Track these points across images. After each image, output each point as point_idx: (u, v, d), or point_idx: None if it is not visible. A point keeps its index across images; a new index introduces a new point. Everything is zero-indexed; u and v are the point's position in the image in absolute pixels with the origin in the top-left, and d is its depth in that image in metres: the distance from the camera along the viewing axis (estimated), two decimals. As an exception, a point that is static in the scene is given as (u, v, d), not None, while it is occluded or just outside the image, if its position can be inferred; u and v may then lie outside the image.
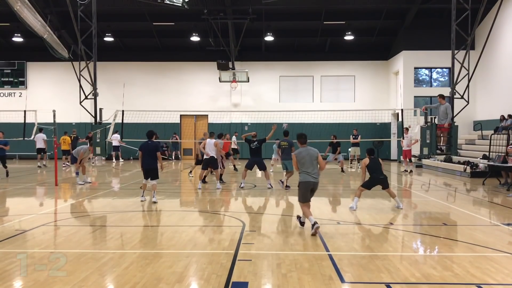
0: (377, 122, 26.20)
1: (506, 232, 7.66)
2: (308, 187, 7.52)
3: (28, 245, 6.76)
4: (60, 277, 5.15)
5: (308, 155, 7.51)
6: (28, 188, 13.79)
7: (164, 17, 24.82)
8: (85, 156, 14.30)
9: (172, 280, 5.08)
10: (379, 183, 9.72)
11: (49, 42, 16.56)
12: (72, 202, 11.23)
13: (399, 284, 4.97)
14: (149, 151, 10.33)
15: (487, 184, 14.34)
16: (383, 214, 9.28)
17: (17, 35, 25.11)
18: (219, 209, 10.07)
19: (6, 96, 27.77)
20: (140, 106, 24.15)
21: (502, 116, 19.31)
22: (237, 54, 26.13)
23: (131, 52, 27.87)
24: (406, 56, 24.47)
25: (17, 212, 9.59)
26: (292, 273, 5.31)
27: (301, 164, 7.50)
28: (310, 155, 7.53)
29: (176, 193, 13.52)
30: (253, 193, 12.45)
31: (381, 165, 9.79)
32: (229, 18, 23.28)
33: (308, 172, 7.49)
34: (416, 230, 8.11)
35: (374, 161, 9.71)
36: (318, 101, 27.21)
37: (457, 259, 5.94)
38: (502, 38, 20.95)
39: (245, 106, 26.90)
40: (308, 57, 27.31)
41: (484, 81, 22.57)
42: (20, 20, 14.75)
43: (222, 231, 7.70)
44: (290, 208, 10.31)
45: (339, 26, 25.23)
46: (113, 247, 6.60)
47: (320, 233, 7.35)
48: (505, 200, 11.38)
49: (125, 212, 9.57)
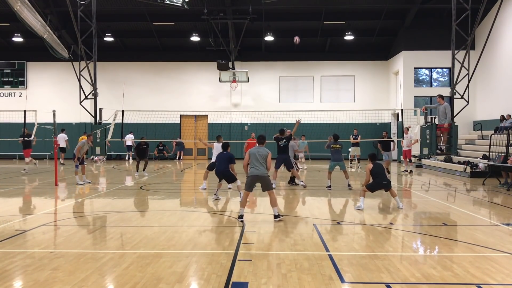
0: (377, 122, 26.20)
1: (506, 232, 7.66)
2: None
3: (28, 245, 6.76)
4: (60, 277, 5.15)
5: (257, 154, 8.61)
6: (28, 188, 13.78)
7: (164, 17, 24.83)
8: (83, 151, 14.27)
9: (172, 280, 5.08)
10: (382, 188, 9.80)
11: (49, 42, 16.56)
12: (72, 202, 11.23)
13: (399, 284, 4.96)
14: (224, 159, 10.85)
15: (487, 184, 14.34)
16: (383, 214, 9.28)
17: (17, 35, 25.13)
18: (219, 209, 10.06)
19: (6, 96, 27.78)
20: (140, 106, 24.16)
21: (502, 116, 19.30)
22: (237, 54, 26.15)
23: (131, 52, 27.88)
24: (406, 56, 24.48)
25: (17, 212, 9.59)
26: (292, 273, 5.31)
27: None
28: (260, 154, 8.51)
29: (176, 193, 13.52)
30: (253, 193, 12.44)
31: (384, 169, 9.85)
32: (229, 18, 23.29)
33: (256, 167, 8.51)
34: (416, 230, 8.11)
35: (377, 166, 9.79)
36: (318, 101, 27.22)
37: (457, 259, 5.94)
38: (502, 38, 20.94)
39: (245, 106, 26.91)
40: (308, 57, 27.33)
41: (484, 81, 22.58)
42: (20, 20, 14.75)
43: (222, 231, 7.70)
44: (290, 208, 10.31)
45: (339, 26, 25.25)
46: (113, 247, 6.60)
47: (320, 233, 7.36)
48: (505, 200, 11.39)
49: (125, 212, 9.57)
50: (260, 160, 8.49)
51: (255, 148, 8.70)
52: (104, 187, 14.26)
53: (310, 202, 11.04)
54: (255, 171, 8.49)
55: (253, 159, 8.55)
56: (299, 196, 12.00)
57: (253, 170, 8.52)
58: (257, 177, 8.50)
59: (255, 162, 8.51)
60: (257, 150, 8.62)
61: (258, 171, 8.47)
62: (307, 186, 13.46)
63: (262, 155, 8.52)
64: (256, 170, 8.49)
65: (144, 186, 13.92)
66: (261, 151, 8.58)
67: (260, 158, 8.48)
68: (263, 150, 8.62)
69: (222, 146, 11.24)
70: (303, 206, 10.73)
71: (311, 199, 11.45)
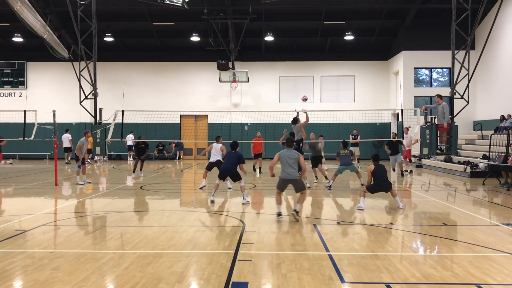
0: (377, 122, 26.20)
1: (506, 232, 7.66)
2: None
3: (28, 245, 6.76)
4: (60, 277, 5.15)
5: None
6: (28, 188, 13.79)
7: (164, 17, 24.82)
8: (84, 150, 14.28)
9: (172, 280, 5.08)
10: (383, 190, 9.67)
11: (49, 42, 16.55)
12: (72, 202, 11.23)
13: (399, 284, 4.96)
14: (232, 157, 10.81)
15: (487, 184, 14.34)
16: (383, 214, 9.28)
17: (17, 35, 25.12)
18: (219, 209, 10.06)
19: (6, 96, 27.77)
20: (140, 106, 24.15)
21: (502, 116, 19.30)
22: (237, 54, 26.13)
23: (131, 52, 27.88)
24: (406, 56, 24.47)
25: (17, 212, 9.59)
26: (292, 273, 5.31)
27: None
28: (290, 158, 8.51)
29: (176, 193, 13.51)
30: (253, 193, 12.46)
31: (386, 171, 9.74)
32: (229, 18, 23.28)
33: (287, 171, 8.53)
34: (416, 230, 8.11)
35: (379, 168, 9.61)
36: (318, 101, 27.21)
37: (457, 259, 5.94)
38: (502, 38, 20.94)
39: (245, 106, 26.91)
40: (308, 57, 27.32)
41: (484, 81, 22.57)
42: (20, 20, 14.74)
43: (222, 231, 7.70)
44: (290, 208, 10.31)
45: (339, 26, 25.24)
46: (113, 247, 6.60)
47: (320, 233, 7.36)
48: (505, 200, 11.39)
49: (125, 212, 9.58)
50: (291, 164, 8.42)
51: (285, 151, 8.59)
52: (104, 187, 14.26)
53: (310, 202, 11.04)
54: (287, 175, 8.44)
55: (283, 163, 8.47)
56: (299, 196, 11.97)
57: (284, 174, 8.48)
58: (289, 180, 8.50)
59: (286, 166, 8.44)
60: (287, 153, 8.52)
61: (290, 175, 8.42)
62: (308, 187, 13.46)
63: (293, 158, 8.45)
64: (287, 174, 8.44)
65: (144, 186, 13.92)
66: (291, 155, 8.50)
67: (291, 162, 8.41)
68: (293, 154, 8.53)
69: (231, 145, 11.16)
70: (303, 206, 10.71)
71: (311, 199, 11.45)
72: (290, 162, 8.42)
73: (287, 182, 8.55)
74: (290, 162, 8.42)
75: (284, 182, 8.57)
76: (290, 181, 8.50)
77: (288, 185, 8.67)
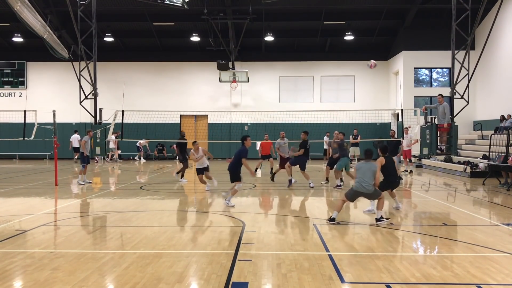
0: (377, 122, 26.20)
1: (506, 232, 7.66)
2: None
3: (28, 245, 6.76)
4: (60, 277, 5.15)
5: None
6: (28, 188, 13.78)
7: (164, 17, 24.82)
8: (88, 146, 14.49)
9: (172, 280, 5.08)
10: (395, 187, 9.35)
11: (49, 42, 16.53)
12: (72, 202, 11.23)
13: (399, 284, 4.97)
14: (235, 155, 10.24)
15: (487, 184, 14.34)
16: (383, 214, 9.26)
17: (17, 35, 25.12)
18: (219, 209, 10.06)
19: (6, 96, 27.77)
20: (140, 106, 24.15)
21: (502, 116, 19.30)
22: (237, 54, 26.13)
23: (131, 52, 27.87)
24: (406, 56, 24.47)
25: (17, 212, 9.59)
26: (292, 273, 5.31)
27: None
28: (370, 170, 8.20)
29: (176, 193, 13.51)
30: (253, 193, 12.47)
31: (395, 164, 9.32)
32: (229, 18, 23.28)
33: (363, 182, 8.18)
34: (416, 230, 8.11)
35: (390, 161, 8.92)
36: (318, 101, 27.21)
37: (457, 259, 5.95)
38: (502, 38, 20.95)
39: (245, 106, 26.91)
40: (308, 57, 27.31)
41: (484, 81, 22.57)
42: (20, 20, 14.73)
43: (222, 231, 7.70)
44: (290, 208, 10.31)
45: (339, 26, 25.23)
46: (113, 247, 6.60)
47: (320, 233, 7.36)
48: (505, 200, 11.39)
49: (125, 212, 9.58)
50: (370, 175, 8.08)
51: (366, 164, 8.23)
52: (104, 187, 14.26)
53: (310, 202, 11.03)
54: (361, 188, 8.08)
55: (361, 173, 8.12)
56: (299, 196, 11.99)
57: (358, 185, 8.11)
58: (361, 193, 8.20)
59: (364, 177, 8.08)
60: (368, 166, 8.19)
61: (364, 188, 8.06)
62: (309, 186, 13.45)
63: (372, 171, 8.13)
64: (361, 186, 8.07)
65: (144, 186, 13.92)
66: (373, 167, 8.20)
67: (371, 174, 8.09)
68: (374, 166, 8.23)
69: (240, 139, 10.52)
70: (303, 206, 10.72)
71: (311, 199, 11.45)
72: (369, 173, 8.09)
73: (359, 194, 8.27)
74: (369, 173, 8.09)
75: (356, 194, 8.27)
76: (363, 194, 8.22)
77: (360, 196, 8.41)
